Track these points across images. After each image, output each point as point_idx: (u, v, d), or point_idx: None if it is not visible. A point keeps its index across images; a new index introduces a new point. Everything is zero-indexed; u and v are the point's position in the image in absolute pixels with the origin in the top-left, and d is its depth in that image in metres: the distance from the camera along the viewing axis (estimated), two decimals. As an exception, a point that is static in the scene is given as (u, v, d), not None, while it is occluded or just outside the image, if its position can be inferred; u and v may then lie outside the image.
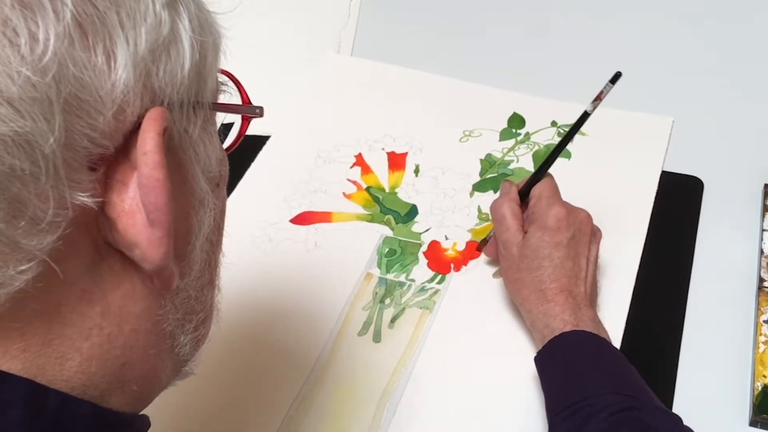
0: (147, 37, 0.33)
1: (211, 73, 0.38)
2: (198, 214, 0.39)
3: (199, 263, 0.40)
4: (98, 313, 0.35)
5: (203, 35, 0.36)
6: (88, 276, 0.34)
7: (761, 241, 0.79)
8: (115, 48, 0.32)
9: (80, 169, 0.32)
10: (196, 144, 0.37)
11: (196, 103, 0.37)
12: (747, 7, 1.03)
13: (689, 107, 0.93)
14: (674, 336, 0.74)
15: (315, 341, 0.74)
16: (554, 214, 0.70)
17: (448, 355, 0.73)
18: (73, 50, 0.30)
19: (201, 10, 0.37)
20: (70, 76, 0.30)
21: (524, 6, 1.07)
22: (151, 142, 0.33)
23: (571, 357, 0.64)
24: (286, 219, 0.85)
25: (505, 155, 0.91)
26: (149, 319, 0.37)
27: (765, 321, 0.73)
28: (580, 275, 0.69)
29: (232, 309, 0.76)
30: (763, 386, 0.69)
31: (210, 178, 0.39)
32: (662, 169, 0.87)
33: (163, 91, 0.34)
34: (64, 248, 0.32)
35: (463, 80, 0.99)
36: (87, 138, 0.31)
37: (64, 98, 0.30)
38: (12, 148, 0.29)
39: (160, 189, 0.33)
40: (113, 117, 0.32)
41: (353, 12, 1.11)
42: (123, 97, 0.32)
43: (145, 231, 0.34)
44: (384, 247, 0.82)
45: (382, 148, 0.92)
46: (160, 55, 0.34)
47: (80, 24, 0.31)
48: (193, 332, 0.41)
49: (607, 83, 0.71)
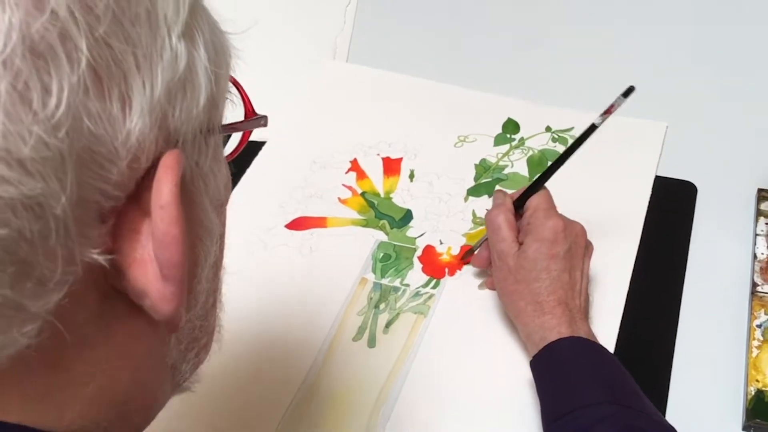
0: (163, 76, 0.31)
1: (223, 97, 0.36)
2: (204, 244, 0.36)
3: (204, 292, 0.38)
4: (101, 358, 0.33)
5: (218, 65, 0.34)
6: (92, 323, 0.32)
7: (754, 246, 0.80)
8: (131, 92, 0.30)
9: (91, 224, 0.30)
10: (206, 176, 0.35)
11: (207, 132, 0.34)
12: (741, 13, 1.03)
13: (683, 112, 0.93)
14: (668, 340, 0.74)
15: (310, 346, 0.74)
16: (551, 226, 0.70)
17: (442, 360, 0.73)
18: (88, 100, 0.28)
19: (214, 33, 0.35)
20: (84, 129, 0.28)
21: (519, 12, 1.08)
22: (168, 195, 0.31)
23: (568, 363, 0.64)
24: (281, 224, 0.86)
25: (500, 160, 0.91)
26: (152, 356, 0.36)
27: (758, 325, 0.74)
28: (576, 288, 0.69)
29: (227, 314, 0.76)
30: (757, 391, 0.69)
31: (217, 206, 0.38)
32: (656, 174, 0.88)
33: (177, 131, 0.32)
34: (70, 303, 0.30)
35: (458, 86, 0.99)
36: (99, 192, 0.29)
37: (77, 153, 0.28)
38: (21, 211, 0.27)
39: (176, 246, 0.31)
40: (127, 166, 0.30)
41: (349, 18, 1.11)
42: (138, 146, 0.30)
43: (156, 283, 0.32)
44: (379, 252, 0.83)
45: (378, 154, 0.92)
46: (176, 94, 0.32)
47: (95, 70, 0.28)
48: (194, 358, 0.40)
49: (619, 96, 0.71)
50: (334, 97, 1.00)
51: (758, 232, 0.81)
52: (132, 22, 0.29)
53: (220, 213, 0.38)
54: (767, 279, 0.77)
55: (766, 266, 0.78)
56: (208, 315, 0.40)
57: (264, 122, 0.41)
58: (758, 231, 0.81)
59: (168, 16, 0.31)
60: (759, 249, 0.79)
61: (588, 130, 0.73)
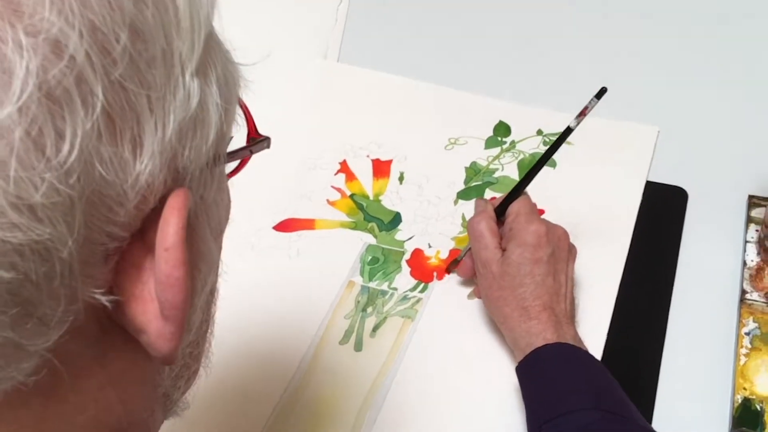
0: (175, 115, 0.30)
1: (231, 127, 0.36)
2: (202, 273, 0.36)
3: (198, 321, 0.38)
4: (96, 387, 0.33)
5: (228, 100, 0.34)
6: (88, 354, 0.32)
7: (744, 253, 0.79)
8: (143, 134, 0.29)
9: (95, 264, 0.29)
10: (209, 207, 0.35)
11: (213, 163, 0.34)
12: (733, 18, 1.03)
13: (675, 117, 0.93)
14: (655, 346, 0.74)
15: (296, 349, 0.74)
16: (534, 231, 0.69)
17: (429, 364, 0.73)
18: (100, 145, 0.27)
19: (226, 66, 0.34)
20: (95, 174, 0.28)
21: (511, 14, 1.07)
22: (173, 236, 0.30)
23: (553, 370, 0.64)
24: (269, 226, 0.85)
25: (490, 163, 0.90)
26: (146, 386, 0.36)
27: (746, 333, 0.73)
28: (561, 292, 0.69)
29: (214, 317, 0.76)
30: (744, 399, 0.69)
31: (216, 235, 0.37)
32: (647, 178, 0.87)
33: (186, 169, 0.31)
34: (69, 338, 0.29)
35: (450, 88, 0.99)
36: (106, 234, 0.29)
37: (86, 198, 0.28)
38: (29, 255, 0.27)
39: (179, 288, 0.31)
40: (134, 207, 0.30)
41: (340, 18, 1.10)
42: (147, 187, 0.29)
43: (156, 322, 0.31)
44: (367, 255, 0.82)
45: (367, 155, 0.92)
46: (187, 133, 0.31)
47: (109, 114, 0.28)
48: (184, 385, 0.40)
49: (592, 98, 0.71)
50: (325, 97, 1.00)
51: (748, 239, 0.80)
52: (148, 63, 0.29)
53: (218, 240, 0.38)
54: (756, 286, 0.77)
55: (755, 273, 0.78)
56: (200, 341, 0.40)
57: (267, 144, 0.41)
58: (748, 238, 0.81)
59: (183, 53, 0.30)
60: (749, 256, 0.79)
61: (564, 133, 0.73)
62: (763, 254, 0.79)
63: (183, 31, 0.30)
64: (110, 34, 0.27)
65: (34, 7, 0.26)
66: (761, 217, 0.80)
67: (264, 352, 0.74)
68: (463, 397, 0.70)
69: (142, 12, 0.28)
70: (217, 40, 0.34)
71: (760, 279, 0.77)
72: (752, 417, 0.68)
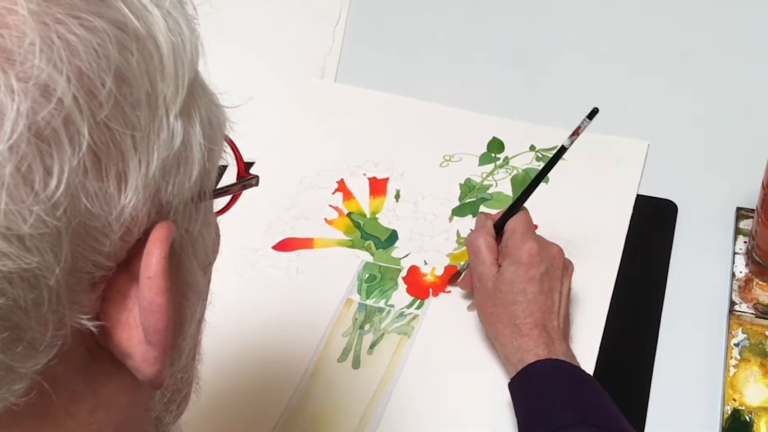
0: (159, 153, 0.32)
1: (215, 165, 0.38)
2: (191, 303, 0.38)
3: (188, 348, 0.40)
4: (87, 410, 0.34)
5: (212, 141, 0.36)
6: (79, 378, 0.33)
7: (733, 265, 0.81)
8: (128, 170, 0.31)
9: (82, 292, 0.31)
10: (195, 240, 0.37)
11: (198, 199, 0.36)
12: (722, 34, 1.04)
13: (664, 132, 0.94)
14: (646, 359, 0.76)
15: (295, 368, 0.76)
16: (527, 249, 0.71)
17: (425, 380, 0.75)
18: (86, 180, 0.30)
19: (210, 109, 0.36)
20: (81, 207, 0.30)
21: (505, 32, 1.09)
22: (156, 266, 0.32)
23: (544, 385, 0.65)
24: (268, 245, 0.87)
25: (484, 180, 0.92)
26: (138, 409, 0.37)
27: (735, 344, 0.75)
28: (554, 309, 0.70)
29: (213, 336, 0.78)
30: (733, 410, 0.70)
31: (204, 267, 0.39)
32: (637, 192, 0.89)
33: (170, 204, 0.34)
34: (58, 362, 0.31)
35: (444, 105, 1.01)
36: (92, 263, 0.31)
37: (73, 229, 0.30)
38: (18, 282, 0.29)
39: (161, 314, 0.33)
40: (119, 238, 0.32)
41: (337, 38, 1.12)
42: (131, 219, 0.32)
43: (140, 347, 0.33)
44: (364, 272, 0.84)
45: (364, 174, 0.94)
46: (170, 170, 0.33)
47: (95, 152, 0.30)
48: (176, 409, 0.41)
49: (584, 119, 0.73)
50: (322, 116, 1.01)
51: (737, 250, 0.82)
52: (132, 106, 0.31)
53: (206, 272, 0.39)
54: (745, 298, 0.78)
55: (744, 285, 0.79)
56: (188, 367, 0.41)
57: (255, 182, 0.43)
58: (737, 249, 0.82)
59: (167, 96, 0.32)
60: (737, 268, 0.81)
61: (558, 151, 0.75)
62: (751, 266, 0.80)
63: (167, 77, 0.32)
64: (96, 79, 0.30)
65: (25, 55, 0.28)
66: (749, 228, 0.82)
67: (263, 370, 0.76)
68: (459, 412, 0.72)
69: (128, 59, 0.31)
70: (202, 84, 0.36)
71: (749, 290, 0.79)
72: (742, 427, 0.69)
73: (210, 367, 0.76)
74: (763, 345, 0.75)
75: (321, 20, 1.15)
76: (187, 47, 0.33)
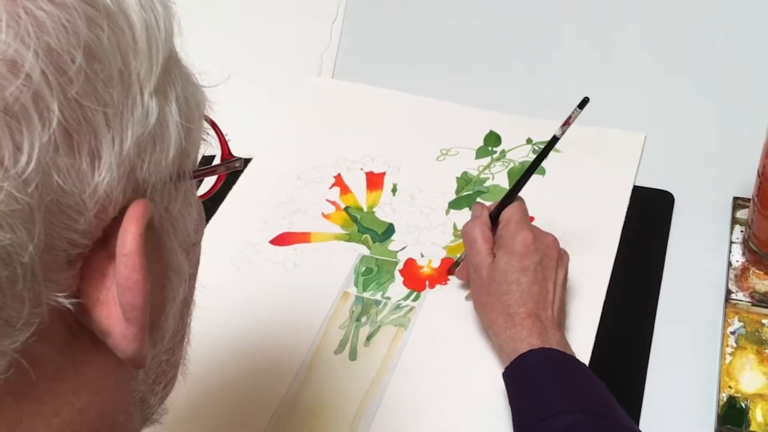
0: (133, 131, 0.32)
1: (195, 145, 0.37)
2: (173, 283, 0.38)
3: (172, 329, 0.40)
4: (69, 390, 0.34)
5: (190, 119, 0.36)
6: (60, 358, 0.34)
7: (729, 254, 0.81)
8: (101, 148, 0.31)
9: (58, 270, 0.31)
10: (175, 220, 0.37)
11: (177, 178, 0.36)
12: (716, 25, 1.05)
13: (660, 123, 0.94)
14: (643, 347, 0.76)
15: (292, 361, 0.76)
16: (521, 239, 0.71)
17: (421, 371, 0.75)
18: (58, 157, 0.29)
19: (187, 88, 0.36)
20: (53, 183, 0.30)
21: (501, 26, 1.09)
22: (131, 243, 0.32)
23: (537, 374, 0.65)
24: (266, 240, 0.87)
25: (481, 173, 0.92)
26: (121, 390, 0.37)
27: (731, 332, 0.75)
28: (548, 299, 0.70)
29: (212, 330, 0.78)
30: (729, 397, 0.70)
31: (186, 248, 0.39)
32: (634, 183, 0.89)
33: (146, 182, 0.34)
34: (37, 340, 0.31)
35: (441, 99, 1.01)
36: (67, 240, 0.31)
37: (45, 206, 0.29)
38: None
39: (138, 290, 0.33)
40: (94, 216, 0.32)
41: (335, 35, 1.13)
42: (105, 197, 0.32)
43: (119, 324, 0.33)
44: (361, 266, 0.84)
45: (361, 168, 0.94)
46: (145, 148, 0.33)
47: (66, 129, 0.30)
48: (162, 391, 0.41)
49: (575, 108, 0.73)
50: (319, 112, 1.02)
51: (733, 239, 0.82)
52: (104, 82, 0.31)
53: (190, 254, 0.39)
54: (742, 286, 0.78)
55: (740, 274, 0.79)
56: (175, 349, 0.42)
57: (239, 165, 0.42)
58: (734, 239, 0.82)
59: (141, 74, 0.32)
60: (734, 257, 0.81)
61: (550, 141, 0.75)
62: (748, 255, 0.80)
63: (140, 54, 0.32)
64: (65, 54, 0.30)
65: None
66: (746, 218, 0.82)
67: (261, 362, 0.76)
68: (454, 402, 0.72)
69: (98, 35, 0.31)
70: (178, 63, 0.36)
71: (745, 279, 0.79)
72: (737, 414, 0.69)
73: (208, 360, 0.76)
74: (760, 333, 0.74)
75: (319, 17, 1.15)
76: (161, 25, 0.33)
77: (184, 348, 0.43)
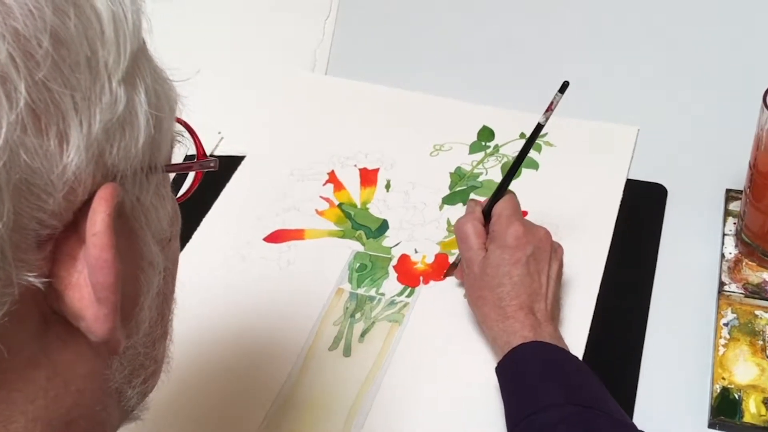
0: (101, 116, 0.33)
1: (166, 139, 0.38)
2: (146, 275, 0.38)
3: (148, 321, 0.40)
4: (44, 377, 0.35)
5: (159, 110, 0.36)
6: (34, 344, 0.34)
7: (722, 246, 0.81)
8: (69, 130, 0.32)
9: (28, 250, 0.32)
10: (147, 210, 0.38)
11: (149, 170, 0.37)
12: (710, 18, 1.05)
13: (653, 116, 0.95)
14: (636, 339, 0.76)
15: (286, 357, 0.76)
16: (512, 232, 0.71)
17: (416, 367, 0.75)
18: (25, 137, 0.30)
19: (157, 81, 0.37)
20: (21, 162, 0.30)
21: (493, 21, 1.10)
22: (101, 223, 0.33)
23: (529, 367, 0.66)
24: (259, 237, 0.87)
25: (475, 168, 0.93)
26: (95, 379, 0.38)
27: (725, 324, 0.75)
28: (540, 292, 0.71)
29: (207, 327, 0.78)
30: (722, 388, 0.71)
31: (160, 240, 0.39)
32: (627, 177, 0.89)
33: (116, 167, 0.34)
34: (9, 323, 0.31)
35: (434, 95, 1.01)
36: (36, 220, 0.32)
37: (14, 184, 0.30)
38: None
39: (108, 270, 0.33)
40: (63, 198, 0.32)
41: (328, 31, 1.13)
42: (74, 179, 0.32)
43: (91, 307, 0.34)
44: (355, 262, 0.84)
45: (354, 165, 0.94)
46: (114, 134, 0.34)
47: (33, 110, 0.30)
48: (141, 385, 0.42)
49: (557, 93, 0.74)
50: (312, 109, 1.02)
51: (726, 232, 0.82)
52: (71, 68, 0.32)
53: (165, 247, 0.40)
54: (735, 278, 0.78)
55: (733, 265, 0.79)
56: (155, 344, 0.42)
57: (214, 165, 0.43)
58: (726, 231, 0.82)
59: (109, 63, 0.33)
60: (727, 249, 0.81)
61: (535, 129, 0.75)
62: (740, 246, 0.80)
63: (108, 43, 0.33)
64: (33, 39, 0.30)
65: None
66: (738, 210, 0.82)
67: (255, 359, 0.76)
68: (449, 397, 0.72)
69: (65, 22, 0.32)
70: (148, 57, 0.37)
71: (738, 271, 0.79)
72: (730, 405, 0.69)
73: (202, 357, 0.77)
74: (752, 324, 0.75)
75: (312, 14, 1.15)
76: (129, 17, 0.34)
77: (167, 345, 0.44)
